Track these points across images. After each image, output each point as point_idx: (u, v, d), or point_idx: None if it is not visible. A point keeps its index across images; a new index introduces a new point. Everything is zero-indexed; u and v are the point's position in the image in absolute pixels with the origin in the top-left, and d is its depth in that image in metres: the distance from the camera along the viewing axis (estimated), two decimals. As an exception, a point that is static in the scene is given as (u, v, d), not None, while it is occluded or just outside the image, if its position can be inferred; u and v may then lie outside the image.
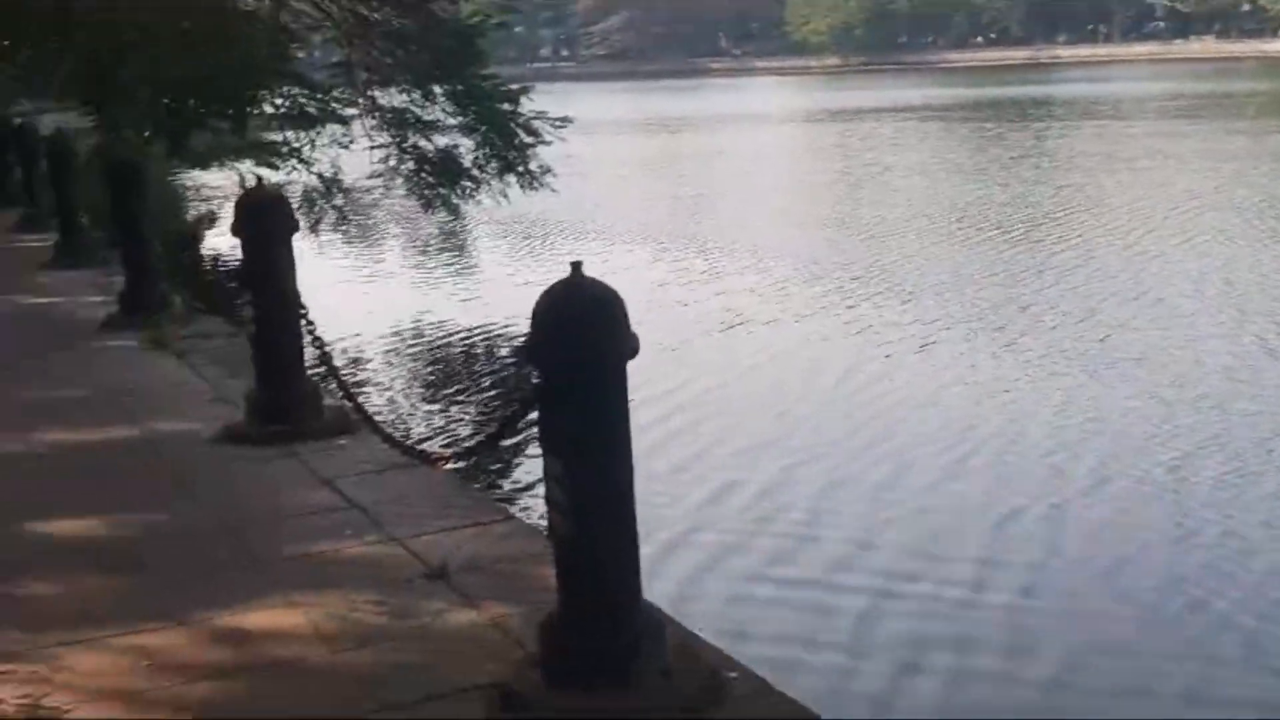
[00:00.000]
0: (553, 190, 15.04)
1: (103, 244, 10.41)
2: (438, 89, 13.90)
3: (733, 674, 3.32)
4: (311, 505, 4.81)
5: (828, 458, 8.91)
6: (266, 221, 5.59)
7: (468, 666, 3.48)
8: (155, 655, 3.63)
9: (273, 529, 4.59)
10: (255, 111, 14.35)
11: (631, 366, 3.17)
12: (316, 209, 14.45)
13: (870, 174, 29.48)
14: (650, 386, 9.67)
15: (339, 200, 14.54)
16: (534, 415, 3.27)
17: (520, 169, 14.02)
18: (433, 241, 20.56)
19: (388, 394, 11.03)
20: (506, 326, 13.32)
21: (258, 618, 3.84)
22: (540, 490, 3.44)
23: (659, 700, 3.11)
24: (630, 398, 3.21)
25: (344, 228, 15.60)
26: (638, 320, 3.17)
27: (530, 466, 7.97)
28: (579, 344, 3.10)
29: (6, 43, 17.58)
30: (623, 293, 3.18)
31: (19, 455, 5.60)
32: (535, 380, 3.19)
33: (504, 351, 12.65)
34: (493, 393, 11.28)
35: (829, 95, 67.85)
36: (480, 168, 14.11)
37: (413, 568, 4.16)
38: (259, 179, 6.32)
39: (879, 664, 5.98)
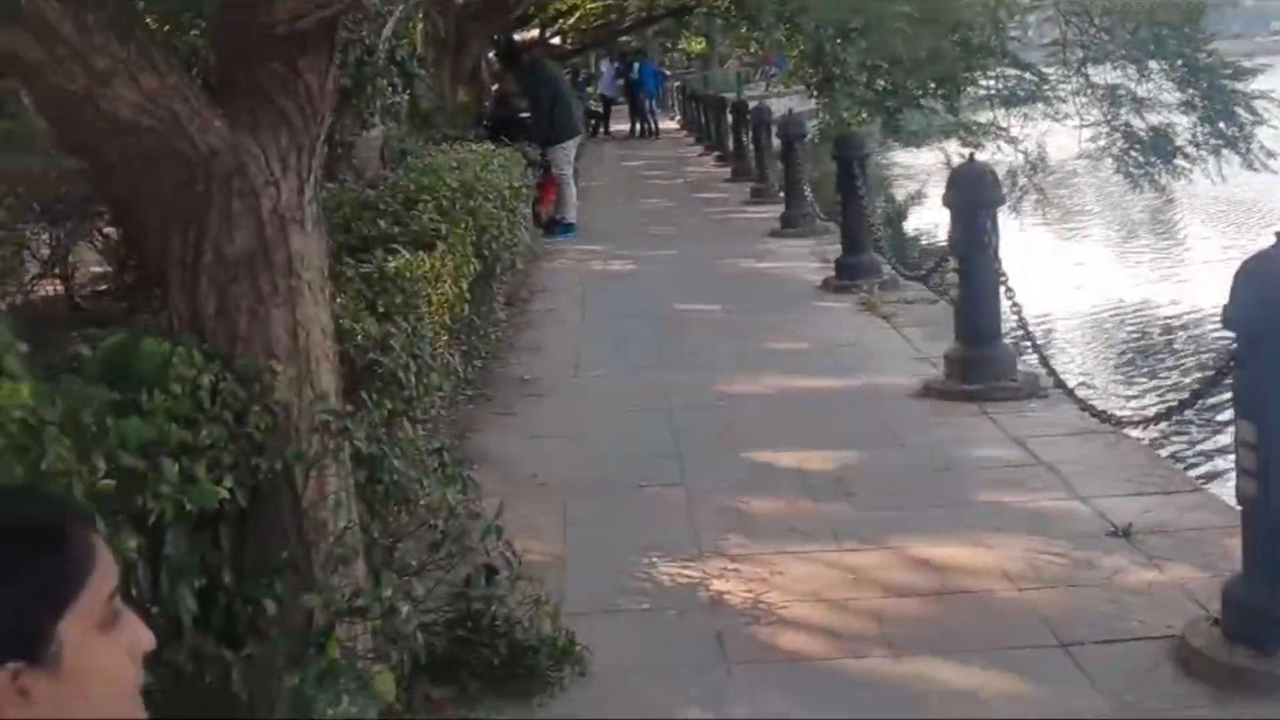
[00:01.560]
0: (1274, 172, 14.07)
1: (821, 214, 11.30)
2: (1154, 65, 13.46)
3: None
4: (1002, 459, 5.11)
5: None
6: (974, 193, 5.95)
7: (1145, 618, 3.63)
8: (857, 571, 4.11)
9: (966, 476, 4.95)
10: (967, 91, 14.70)
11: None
12: (1020, 187, 14.55)
13: None
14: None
15: (1042, 179, 14.53)
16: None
17: (1242, 148, 13.22)
18: (1125, 221, 19.92)
19: (1071, 364, 11.00)
20: (1196, 306, 12.74)
21: (949, 551, 4.22)
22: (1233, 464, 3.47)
23: (1342, 674, 3.09)
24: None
25: (1043, 206, 15.55)
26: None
27: (1225, 440, 7.71)
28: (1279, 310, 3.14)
29: (745, 32, 19.42)
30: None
31: (751, 395, 6.39)
32: (1232, 346, 3.27)
33: (1193, 330, 12.14)
34: (1181, 367, 10.90)
35: None
36: (1196, 145, 13.49)
37: (1097, 524, 4.34)
38: (971, 155, 6.67)
39: None
